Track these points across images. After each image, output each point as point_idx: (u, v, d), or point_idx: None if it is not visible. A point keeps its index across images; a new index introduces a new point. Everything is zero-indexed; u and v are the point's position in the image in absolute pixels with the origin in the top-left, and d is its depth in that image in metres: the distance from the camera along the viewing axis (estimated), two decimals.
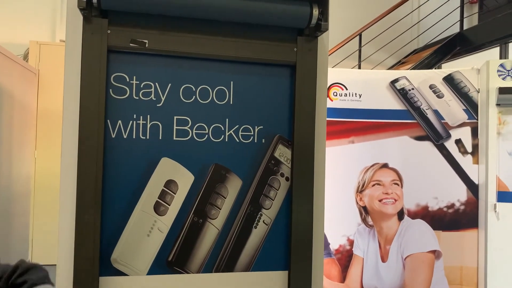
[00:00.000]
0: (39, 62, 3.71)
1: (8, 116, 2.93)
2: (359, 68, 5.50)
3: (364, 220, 3.11)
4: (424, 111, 3.14)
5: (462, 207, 3.12)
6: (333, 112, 3.13)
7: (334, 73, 3.20)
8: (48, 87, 3.62)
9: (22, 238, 3.32)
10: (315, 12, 1.48)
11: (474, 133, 3.12)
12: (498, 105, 3.00)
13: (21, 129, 3.23)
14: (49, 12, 4.91)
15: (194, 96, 1.54)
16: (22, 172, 3.31)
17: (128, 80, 1.48)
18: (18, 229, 3.22)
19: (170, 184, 1.50)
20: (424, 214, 3.13)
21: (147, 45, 1.44)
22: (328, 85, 3.13)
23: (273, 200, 1.58)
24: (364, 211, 3.10)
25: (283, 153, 1.60)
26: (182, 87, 1.53)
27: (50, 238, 3.19)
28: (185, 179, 1.51)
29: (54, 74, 3.60)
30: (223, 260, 1.54)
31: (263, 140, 1.59)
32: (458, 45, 5.28)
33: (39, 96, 3.63)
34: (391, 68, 5.75)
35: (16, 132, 3.10)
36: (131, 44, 1.43)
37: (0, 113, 2.74)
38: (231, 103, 1.57)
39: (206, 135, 1.54)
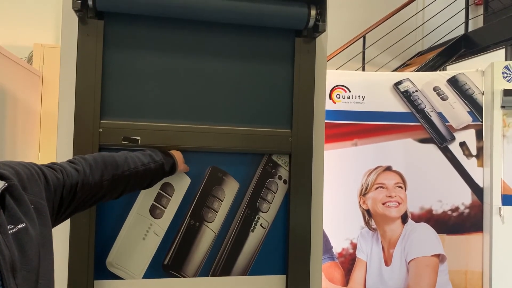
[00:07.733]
0: (43, 65, 3.71)
1: (12, 118, 2.93)
2: (363, 70, 5.47)
3: (367, 224, 3.08)
4: (428, 114, 3.11)
5: (467, 211, 3.09)
6: (336, 114, 3.11)
7: (337, 75, 3.19)
8: (52, 90, 3.62)
9: None
10: (313, 12, 1.47)
11: (479, 135, 3.09)
12: (503, 107, 2.97)
13: (25, 131, 3.23)
14: (53, 14, 4.92)
15: None
16: None
17: None
18: None
19: (166, 187, 1.48)
20: (428, 217, 3.10)
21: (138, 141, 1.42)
22: (331, 87, 3.13)
23: (270, 203, 1.56)
24: (368, 214, 3.08)
25: (281, 155, 1.58)
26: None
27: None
28: (181, 181, 1.49)
29: (58, 77, 3.60)
30: (220, 263, 1.52)
31: None
32: (463, 47, 5.26)
33: (43, 98, 3.63)
34: (395, 70, 5.72)
35: (20, 134, 3.11)
36: (123, 142, 1.41)
37: (4, 115, 2.75)
38: None
39: None
